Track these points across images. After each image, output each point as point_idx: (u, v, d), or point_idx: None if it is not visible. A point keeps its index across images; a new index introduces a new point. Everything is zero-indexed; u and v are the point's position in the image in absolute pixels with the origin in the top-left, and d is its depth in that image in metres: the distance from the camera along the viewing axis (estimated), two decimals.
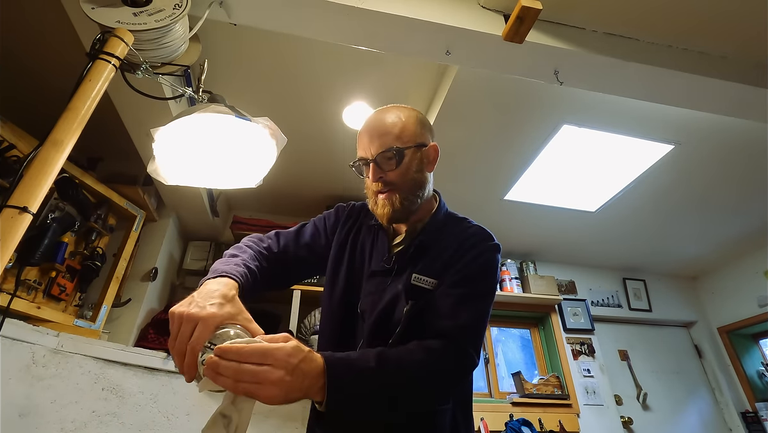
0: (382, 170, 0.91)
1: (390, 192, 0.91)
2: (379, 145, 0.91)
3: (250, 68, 1.95)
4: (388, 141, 0.91)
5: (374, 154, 0.91)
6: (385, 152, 0.90)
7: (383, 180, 0.91)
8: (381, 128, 0.93)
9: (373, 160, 0.91)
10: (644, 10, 1.54)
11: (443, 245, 0.91)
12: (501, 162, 2.49)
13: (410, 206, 0.92)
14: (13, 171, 1.44)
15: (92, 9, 1.00)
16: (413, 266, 0.89)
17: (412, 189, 0.92)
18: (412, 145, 0.92)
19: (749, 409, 3.30)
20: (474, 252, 0.89)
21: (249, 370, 0.54)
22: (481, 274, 0.88)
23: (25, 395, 1.50)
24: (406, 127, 0.93)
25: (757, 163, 2.42)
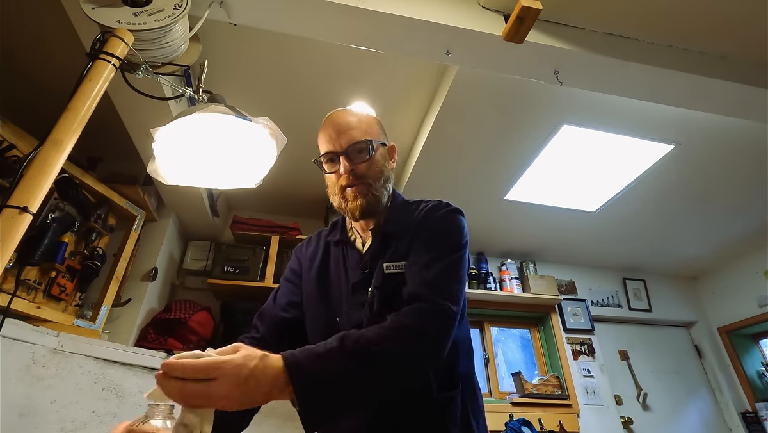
0: (352, 162, 0.91)
1: (360, 185, 0.91)
2: (348, 138, 0.92)
3: (250, 68, 1.95)
4: (358, 134, 0.93)
5: (345, 146, 0.91)
6: (357, 144, 0.92)
7: (354, 173, 0.91)
8: (348, 123, 0.94)
9: (343, 153, 0.91)
10: (644, 10, 1.54)
11: (405, 228, 0.92)
12: (501, 162, 2.49)
13: (380, 198, 0.93)
14: (13, 171, 1.44)
15: (92, 9, 1.00)
16: (382, 253, 0.91)
17: (381, 181, 0.94)
18: (379, 141, 0.97)
19: (749, 409, 3.30)
20: (432, 220, 0.92)
21: (194, 389, 0.52)
22: (442, 235, 0.88)
23: (25, 395, 1.49)
24: (370, 125, 0.98)
25: (758, 163, 2.42)
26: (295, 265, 1.06)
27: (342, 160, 0.91)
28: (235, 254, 2.54)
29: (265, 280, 2.48)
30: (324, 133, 0.96)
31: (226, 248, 2.57)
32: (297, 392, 0.58)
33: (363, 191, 0.91)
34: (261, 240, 2.63)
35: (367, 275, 0.90)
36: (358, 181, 0.91)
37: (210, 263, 2.61)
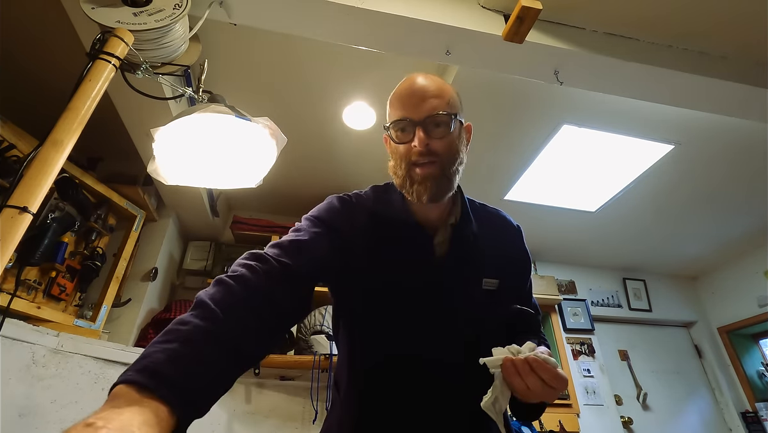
0: (429, 136, 0.78)
1: (432, 164, 0.78)
2: (429, 107, 0.78)
3: (250, 68, 1.95)
4: (440, 105, 0.79)
5: (423, 116, 0.78)
6: (438, 115, 0.78)
7: (429, 148, 0.77)
8: (432, 90, 0.81)
9: (420, 123, 0.78)
10: (644, 10, 1.54)
11: (485, 239, 0.87)
12: (501, 162, 2.49)
13: (451, 184, 0.80)
14: (13, 171, 1.44)
15: (92, 9, 1.00)
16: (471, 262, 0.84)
17: (454, 164, 0.80)
18: (459, 117, 0.82)
19: (749, 409, 3.30)
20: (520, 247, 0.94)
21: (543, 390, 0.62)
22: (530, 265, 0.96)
23: (25, 395, 1.50)
24: (453, 97, 0.83)
25: (758, 163, 2.42)
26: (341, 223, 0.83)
27: (418, 131, 0.77)
28: (235, 253, 2.54)
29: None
30: (400, 98, 0.82)
31: (226, 248, 2.57)
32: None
33: (434, 173, 0.78)
34: (261, 240, 2.63)
35: (444, 273, 0.82)
36: (430, 160, 0.78)
37: (210, 263, 2.61)
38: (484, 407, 0.64)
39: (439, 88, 0.82)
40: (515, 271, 0.90)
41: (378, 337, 0.84)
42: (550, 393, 0.63)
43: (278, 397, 2.23)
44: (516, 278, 0.91)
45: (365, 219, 0.85)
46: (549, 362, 0.62)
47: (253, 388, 2.21)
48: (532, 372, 0.62)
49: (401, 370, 0.80)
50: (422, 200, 0.79)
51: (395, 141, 0.81)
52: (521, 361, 0.62)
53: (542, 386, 0.61)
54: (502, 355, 0.64)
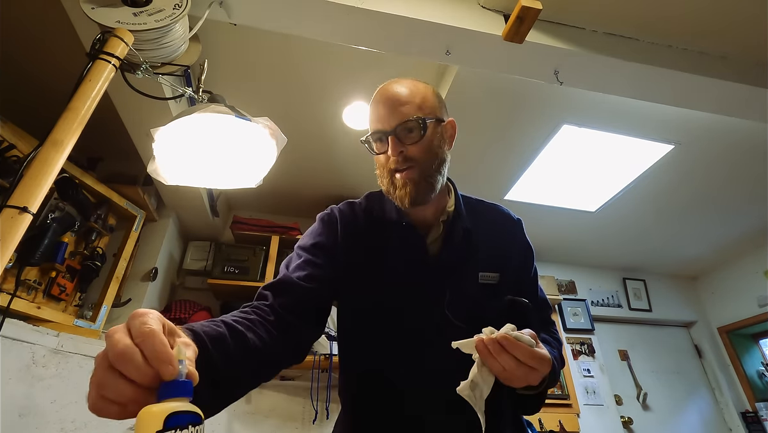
0: (402, 144, 0.80)
1: (410, 169, 0.80)
2: (399, 116, 0.80)
3: (250, 68, 1.95)
4: (410, 111, 0.81)
5: (394, 125, 0.80)
6: (407, 122, 0.80)
7: (403, 155, 0.80)
8: (400, 97, 0.82)
9: (392, 132, 0.80)
10: (644, 10, 1.54)
11: (481, 233, 0.88)
12: (501, 162, 2.49)
13: (433, 185, 0.82)
14: (13, 171, 1.44)
15: (92, 9, 1.00)
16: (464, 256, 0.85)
17: (434, 166, 0.82)
18: (433, 118, 0.83)
19: (749, 409, 3.30)
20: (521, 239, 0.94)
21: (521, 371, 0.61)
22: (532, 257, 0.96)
23: (25, 395, 1.50)
24: (426, 98, 0.84)
25: (758, 164, 2.42)
26: (326, 239, 0.87)
27: (390, 141, 0.80)
28: (235, 254, 2.54)
29: (265, 280, 2.48)
30: (373, 109, 0.85)
31: (226, 247, 2.57)
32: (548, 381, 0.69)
33: (413, 177, 0.80)
34: (261, 240, 2.63)
35: (437, 271, 0.83)
36: (408, 166, 0.80)
37: (210, 263, 2.61)
38: (460, 391, 0.62)
39: (410, 93, 0.83)
40: (516, 263, 0.90)
41: (374, 339, 0.84)
42: (530, 373, 0.61)
43: (278, 397, 2.23)
44: (517, 270, 0.90)
45: (356, 227, 0.88)
46: (522, 340, 0.60)
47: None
48: (503, 351, 0.60)
49: (397, 372, 0.80)
50: (405, 205, 0.81)
51: (374, 153, 0.85)
52: (491, 340, 0.60)
53: (517, 365, 0.60)
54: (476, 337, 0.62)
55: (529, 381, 0.63)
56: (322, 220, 0.91)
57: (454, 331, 0.77)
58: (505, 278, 0.86)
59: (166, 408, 0.35)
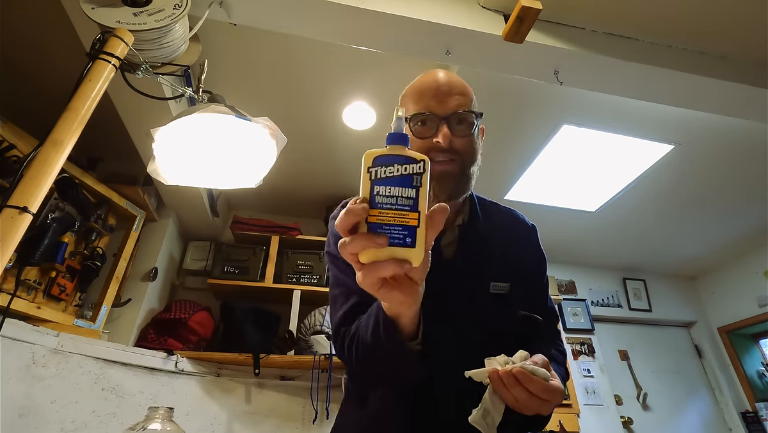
0: (454, 134, 0.75)
1: (453, 162, 0.76)
2: (456, 104, 0.76)
3: (250, 68, 1.95)
4: (466, 103, 0.77)
5: (448, 112, 0.76)
6: (465, 113, 0.76)
7: (452, 146, 0.75)
8: (456, 87, 0.79)
9: (446, 118, 0.75)
10: (644, 10, 1.54)
11: (495, 240, 0.84)
12: (501, 162, 2.49)
13: (470, 183, 0.79)
14: (13, 171, 1.44)
15: (92, 9, 1.00)
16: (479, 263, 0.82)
17: (473, 164, 0.79)
18: (481, 116, 0.79)
19: (749, 409, 3.30)
20: (535, 247, 0.91)
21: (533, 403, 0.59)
22: (545, 271, 0.92)
23: (25, 395, 1.50)
24: (473, 97, 0.82)
25: (758, 164, 2.42)
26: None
27: (442, 126, 0.75)
28: (235, 254, 2.54)
29: (265, 280, 2.48)
30: (421, 91, 0.79)
31: (226, 247, 2.57)
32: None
33: (454, 171, 0.76)
34: (261, 240, 2.63)
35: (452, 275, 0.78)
36: (452, 158, 0.76)
37: (210, 263, 2.61)
38: (472, 421, 0.62)
39: (464, 86, 0.81)
40: (528, 272, 0.86)
41: None
42: (543, 405, 0.60)
43: (278, 397, 2.23)
44: (529, 280, 0.86)
45: None
46: (537, 374, 0.59)
47: (253, 388, 2.21)
48: (518, 384, 0.59)
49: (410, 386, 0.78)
50: (440, 199, 0.76)
51: (414, 135, 0.77)
52: (506, 373, 0.59)
53: (529, 397, 0.59)
54: (489, 366, 0.62)
55: (540, 411, 0.61)
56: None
57: (467, 338, 0.77)
58: (516, 287, 0.82)
59: (377, 152, 0.45)
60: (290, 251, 2.63)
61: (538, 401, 0.59)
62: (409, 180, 0.44)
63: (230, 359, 2.15)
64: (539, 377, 0.60)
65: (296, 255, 2.62)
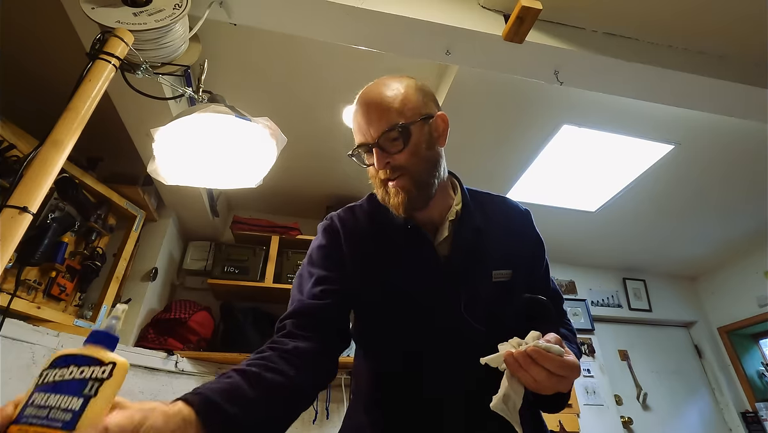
0: (387, 154, 0.76)
1: (401, 177, 0.77)
2: (379, 126, 0.77)
3: (250, 68, 1.95)
4: (390, 118, 0.76)
5: (375, 136, 0.77)
6: (389, 132, 0.76)
7: (391, 165, 0.77)
8: (379, 105, 0.78)
9: (375, 145, 0.77)
10: (644, 10, 1.54)
11: (491, 229, 0.85)
12: (501, 162, 2.49)
13: (427, 191, 0.79)
14: (13, 171, 1.44)
15: (92, 9, 1.00)
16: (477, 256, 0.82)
17: (426, 170, 0.78)
18: (417, 119, 0.78)
19: (749, 409, 3.30)
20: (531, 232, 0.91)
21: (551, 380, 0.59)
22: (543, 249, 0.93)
23: None
24: (407, 98, 0.79)
25: (758, 163, 2.42)
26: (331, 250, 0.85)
27: (375, 153, 0.77)
28: (235, 253, 2.54)
29: (265, 280, 2.48)
30: (354, 121, 0.81)
31: (226, 247, 2.57)
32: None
33: (405, 185, 0.77)
34: (261, 240, 2.63)
35: (449, 272, 0.79)
36: (398, 174, 0.77)
37: (210, 262, 2.61)
38: (494, 407, 0.61)
39: (389, 97, 0.78)
40: (528, 257, 0.87)
41: (388, 347, 0.83)
42: (561, 382, 0.60)
43: None
44: (529, 264, 0.87)
45: (359, 232, 0.85)
46: (552, 350, 0.59)
47: None
48: (534, 363, 0.59)
49: (419, 378, 0.78)
50: (400, 213, 0.78)
51: (363, 165, 0.82)
52: (521, 354, 0.59)
53: (548, 376, 0.58)
54: (503, 350, 0.62)
55: (559, 389, 0.61)
56: (324, 230, 0.88)
57: (473, 333, 0.77)
58: (519, 273, 0.83)
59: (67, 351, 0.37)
60: (290, 251, 2.63)
61: (556, 378, 0.59)
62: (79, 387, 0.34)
63: (230, 359, 2.15)
64: (554, 354, 0.59)
65: (296, 255, 2.62)
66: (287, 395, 0.62)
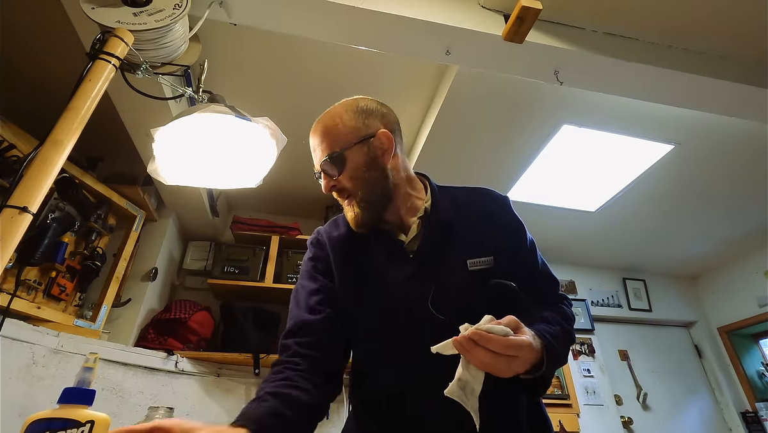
0: (331, 178, 0.86)
1: (349, 197, 0.86)
2: (318, 158, 0.88)
3: (250, 68, 1.95)
4: (327, 147, 0.86)
5: (319, 165, 0.87)
6: (324, 162, 0.86)
7: (336, 188, 0.87)
8: (319, 135, 0.89)
9: (320, 173, 0.87)
10: (644, 10, 1.54)
11: (463, 221, 0.87)
12: (501, 162, 2.49)
13: (374, 206, 0.85)
14: (13, 171, 1.44)
15: (92, 9, 1.00)
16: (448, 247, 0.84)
17: (368, 189, 0.84)
18: (353, 143, 0.85)
19: (749, 409, 3.30)
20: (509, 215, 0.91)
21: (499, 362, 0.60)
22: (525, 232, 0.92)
23: (25, 395, 1.49)
24: (343, 124, 0.87)
25: (758, 163, 2.42)
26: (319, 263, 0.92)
27: (322, 179, 0.87)
28: (235, 254, 2.54)
29: (265, 280, 2.48)
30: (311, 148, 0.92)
31: (226, 248, 2.57)
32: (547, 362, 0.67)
33: (354, 204, 0.85)
34: (261, 240, 2.63)
35: (423, 266, 0.82)
36: (346, 195, 0.86)
37: (210, 262, 2.61)
38: (449, 393, 0.61)
39: (324, 128, 0.89)
40: (508, 242, 0.87)
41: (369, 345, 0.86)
42: (512, 362, 0.60)
43: None
44: (512, 249, 0.87)
45: (341, 242, 0.91)
46: (494, 331, 0.59)
47: (253, 388, 2.21)
48: (476, 346, 0.59)
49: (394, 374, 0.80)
50: (355, 228, 0.87)
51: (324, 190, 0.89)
52: (464, 337, 0.60)
53: (494, 357, 0.59)
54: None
55: (514, 370, 0.62)
56: (311, 244, 0.96)
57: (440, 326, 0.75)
58: (502, 259, 0.83)
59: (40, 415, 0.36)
60: (290, 251, 2.63)
61: (503, 359, 0.60)
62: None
63: (230, 359, 2.15)
64: (496, 334, 0.59)
65: (296, 255, 2.62)
66: (313, 411, 0.71)
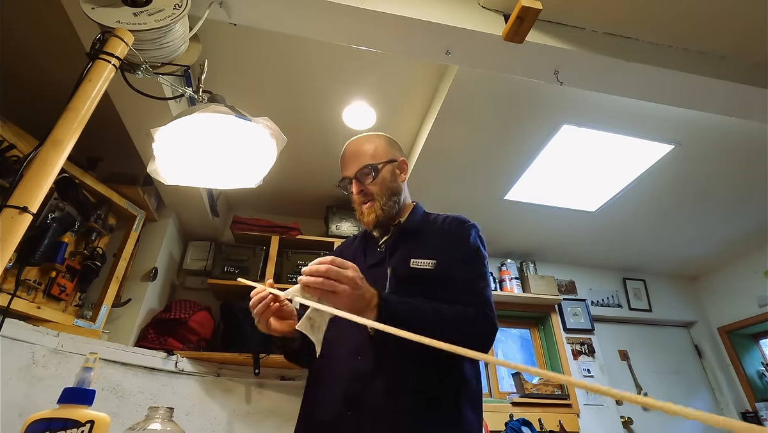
0: (362, 184, 1.11)
1: (371, 201, 1.11)
2: (356, 165, 1.12)
3: (250, 68, 1.95)
4: (365, 160, 1.12)
5: (354, 172, 1.12)
6: (363, 169, 1.11)
7: (364, 192, 1.11)
8: (357, 151, 1.15)
9: (353, 178, 1.12)
10: (644, 10, 1.54)
11: (426, 234, 1.10)
12: (501, 162, 2.49)
13: (390, 210, 1.12)
14: (13, 171, 1.44)
15: (92, 9, 1.00)
16: (404, 249, 1.07)
17: (389, 196, 1.12)
18: (384, 161, 1.13)
19: (749, 409, 3.30)
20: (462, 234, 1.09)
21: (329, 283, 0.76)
22: (475, 253, 1.07)
23: (25, 395, 1.50)
24: (378, 147, 1.15)
25: (757, 163, 2.42)
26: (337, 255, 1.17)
27: (354, 183, 1.12)
28: (235, 254, 2.54)
29: (264, 280, 2.48)
30: (342, 162, 1.17)
31: (226, 248, 2.57)
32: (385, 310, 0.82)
33: (373, 207, 1.10)
34: (261, 240, 2.63)
35: (382, 257, 1.09)
36: (368, 199, 1.11)
37: (210, 263, 2.61)
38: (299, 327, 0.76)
39: (365, 146, 1.15)
40: (454, 256, 1.04)
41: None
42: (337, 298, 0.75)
43: (278, 397, 2.23)
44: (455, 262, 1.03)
45: (350, 245, 1.25)
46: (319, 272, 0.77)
47: (253, 388, 2.22)
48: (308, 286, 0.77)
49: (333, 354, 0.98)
50: (369, 227, 1.14)
51: (347, 193, 1.16)
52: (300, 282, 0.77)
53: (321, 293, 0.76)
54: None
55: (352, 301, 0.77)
56: (334, 252, 1.24)
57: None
58: (442, 266, 1.01)
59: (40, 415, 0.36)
60: (290, 251, 2.63)
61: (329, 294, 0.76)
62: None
63: (230, 359, 2.15)
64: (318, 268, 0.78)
65: (296, 255, 2.62)
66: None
